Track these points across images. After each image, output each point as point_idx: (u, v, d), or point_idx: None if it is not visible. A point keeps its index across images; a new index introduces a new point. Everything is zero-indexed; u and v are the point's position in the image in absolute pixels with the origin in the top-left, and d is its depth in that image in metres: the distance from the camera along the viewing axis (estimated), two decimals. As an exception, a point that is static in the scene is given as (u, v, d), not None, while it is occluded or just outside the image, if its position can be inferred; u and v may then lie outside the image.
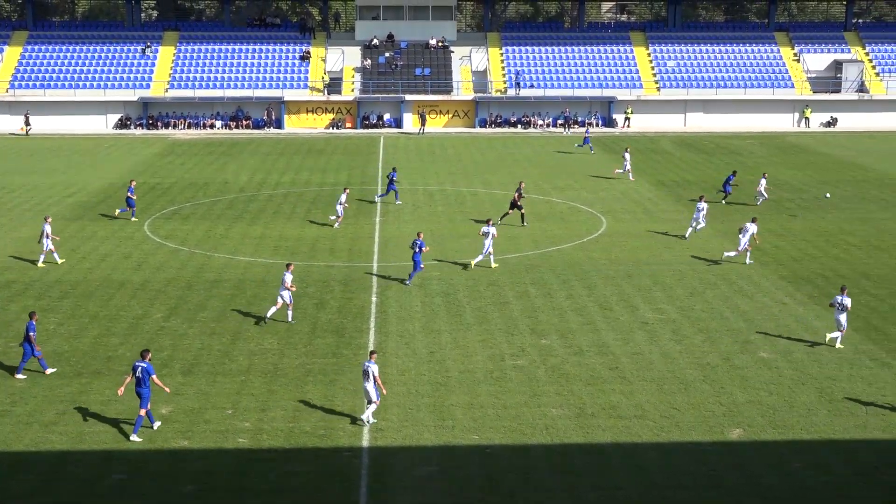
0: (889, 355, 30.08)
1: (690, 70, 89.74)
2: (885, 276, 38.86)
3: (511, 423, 25.14)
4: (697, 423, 25.21)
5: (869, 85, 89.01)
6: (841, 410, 25.98)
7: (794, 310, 34.58)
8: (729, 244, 43.32)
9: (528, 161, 67.88)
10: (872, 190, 56.92)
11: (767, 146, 75.57)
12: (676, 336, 31.75)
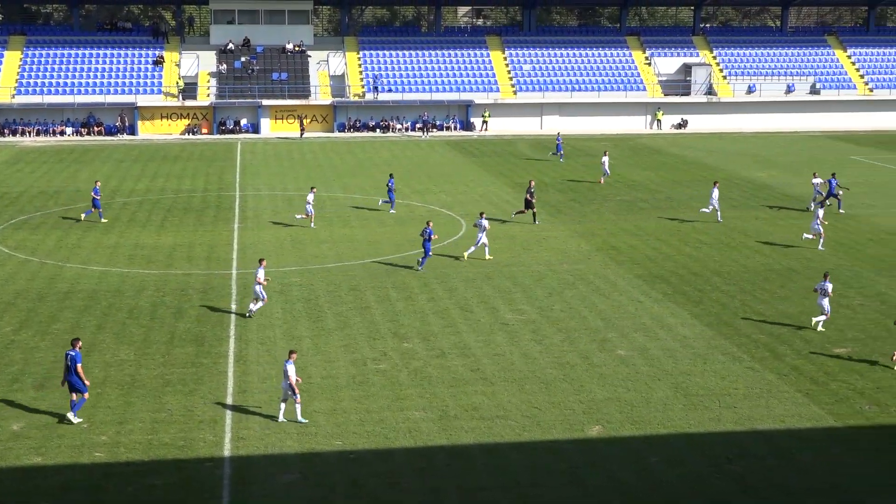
0: (740, 350, 31.06)
1: (546, 74, 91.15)
2: (735, 273, 40.12)
3: (374, 427, 25.13)
4: (558, 421, 25.62)
5: (717, 87, 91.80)
6: (695, 405, 26.72)
7: (649, 308, 35.42)
8: (585, 244, 44.18)
9: (387, 165, 67.97)
10: (721, 190, 58.67)
11: (621, 148, 77.23)
12: (536, 336, 32.21)
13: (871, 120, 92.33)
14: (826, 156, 73.38)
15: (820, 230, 44.42)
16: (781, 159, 71.44)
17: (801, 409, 26.53)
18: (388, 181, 52.63)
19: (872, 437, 24.85)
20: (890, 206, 53.91)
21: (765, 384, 28.21)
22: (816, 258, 42.52)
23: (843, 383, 28.30)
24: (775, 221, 50.09)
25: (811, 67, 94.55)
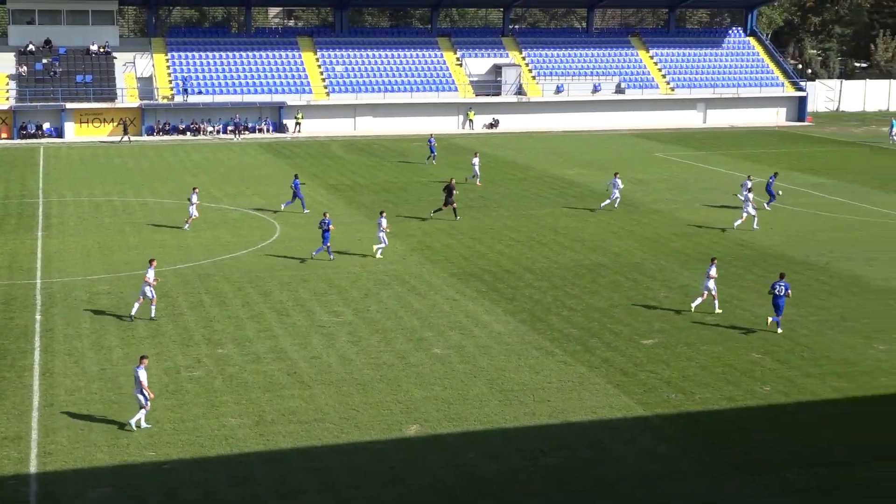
0: (552, 344, 31.76)
1: (359, 75, 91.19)
2: (546, 270, 41.01)
3: (189, 436, 24.64)
4: (376, 422, 25.66)
5: (526, 88, 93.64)
6: (511, 400, 27.18)
7: (464, 306, 35.86)
8: (400, 245, 44.41)
9: (198, 168, 66.76)
10: (532, 188, 59.90)
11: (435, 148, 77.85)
12: (353, 338, 32.19)
13: (673, 118, 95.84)
14: (631, 153, 75.78)
15: (752, 212, 48.28)
16: (589, 157, 73.39)
17: (612, 399, 27.31)
18: (293, 182, 52.58)
19: (679, 425, 25.78)
20: (692, 201, 56.04)
21: (577, 377, 28.93)
22: (624, 253, 43.85)
23: (650, 373, 29.28)
24: (585, 218, 51.41)
25: (616, 68, 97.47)
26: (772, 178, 55.20)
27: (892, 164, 70.88)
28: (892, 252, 44.01)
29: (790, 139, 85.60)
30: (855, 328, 33.57)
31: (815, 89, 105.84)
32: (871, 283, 39.14)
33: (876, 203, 55.51)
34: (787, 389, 28.15)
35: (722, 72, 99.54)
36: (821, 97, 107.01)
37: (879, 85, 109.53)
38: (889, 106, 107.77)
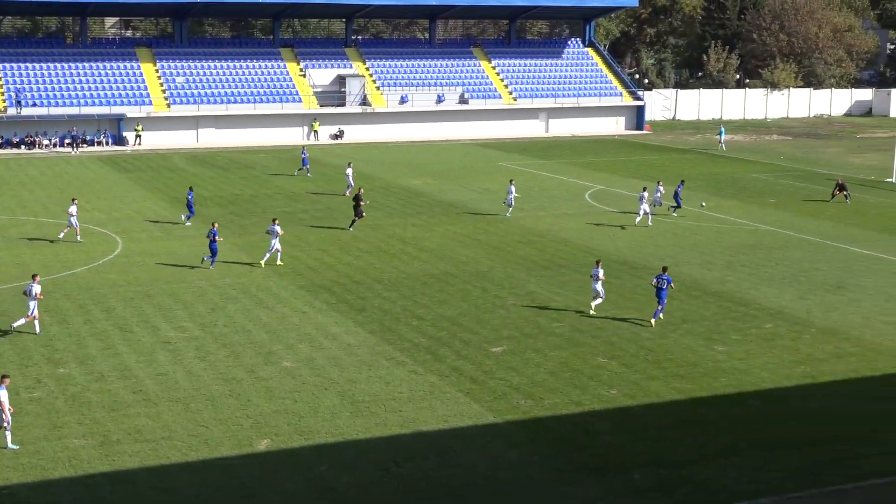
0: (403, 354, 31.82)
1: (200, 86, 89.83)
2: (395, 279, 41.10)
3: (30, 459, 23.81)
4: (226, 438, 25.27)
5: (371, 98, 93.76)
6: (362, 411, 27.12)
7: (313, 318, 35.64)
8: (247, 258, 43.92)
9: (34, 183, 64.71)
10: (379, 198, 59.95)
11: (279, 159, 77.33)
12: (200, 353, 31.64)
13: (516, 128, 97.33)
14: (476, 163, 76.61)
15: (646, 210, 51.99)
16: (434, 167, 73.88)
17: (463, 408, 27.52)
18: (188, 194, 52.36)
19: (529, 430, 26.13)
20: (536, 209, 56.96)
21: (428, 386, 29.05)
22: (471, 262, 44.27)
23: (500, 380, 29.60)
24: (432, 228, 51.73)
25: (459, 78, 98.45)
26: (679, 186, 56.82)
27: (724, 170, 73.39)
28: (727, 255, 45.55)
29: (629, 147, 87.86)
30: (696, 330, 34.61)
31: (652, 99, 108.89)
32: (710, 286, 40.43)
33: (711, 208, 57.39)
34: (632, 392, 28.82)
35: (562, 82, 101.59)
36: (658, 106, 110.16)
37: (712, 94, 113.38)
38: (722, 114, 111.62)
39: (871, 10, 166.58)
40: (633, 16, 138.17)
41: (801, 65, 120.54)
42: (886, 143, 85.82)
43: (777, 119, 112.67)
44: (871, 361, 31.63)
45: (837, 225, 52.90)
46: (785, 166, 75.72)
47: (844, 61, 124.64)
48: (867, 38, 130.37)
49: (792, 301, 38.34)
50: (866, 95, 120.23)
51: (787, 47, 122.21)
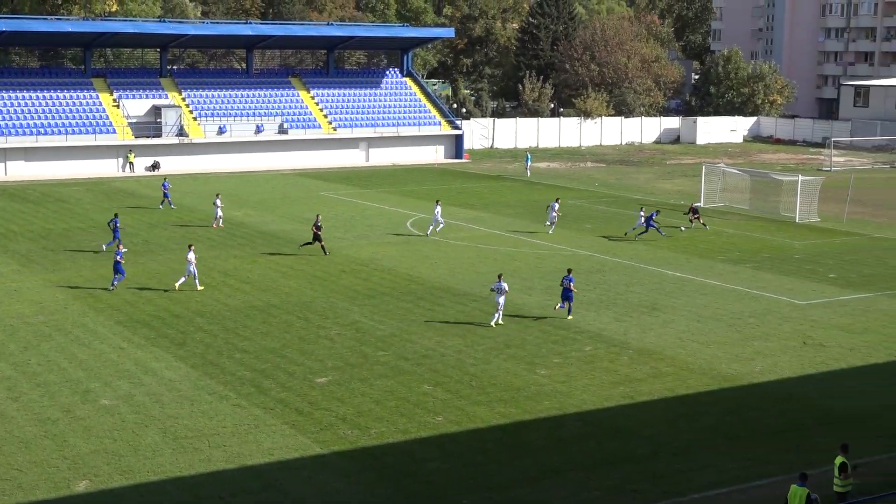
0: (226, 388, 31.33)
1: (8, 117, 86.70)
2: (217, 312, 40.46)
3: None
4: (41, 480, 24.35)
5: (188, 129, 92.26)
6: (185, 447, 26.55)
7: (132, 354, 34.74)
8: (61, 294, 42.54)
9: None
10: (198, 230, 58.96)
11: (94, 192, 75.27)
12: (12, 393, 30.43)
13: (337, 157, 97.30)
14: (297, 193, 76.24)
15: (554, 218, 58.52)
16: (255, 198, 73.16)
17: (289, 440, 27.25)
18: (113, 220, 52.73)
19: (356, 460, 26.06)
20: (358, 238, 57.03)
21: (252, 419, 28.67)
22: (294, 292, 43.95)
23: (326, 411, 29.45)
24: (253, 259, 51.17)
25: (278, 108, 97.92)
26: (654, 213, 57.86)
27: (542, 196, 74.87)
28: (546, 280, 46.52)
29: (450, 175, 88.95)
30: (518, 355, 35.20)
31: (470, 128, 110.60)
32: (531, 311, 41.20)
33: (531, 234, 58.55)
34: (458, 418, 29.09)
35: (382, 111, 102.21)
36: (476, 135, 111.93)
37: (528, 123, 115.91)
38: (538, 142, 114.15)
39: (676, 42, 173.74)
40: (450, 46, 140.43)
41: (613, 94, 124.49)
42: (694, 169, 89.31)
43: (591, 146, 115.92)
44: (685, 380, 32.79)
45: (650, 248, 54.70)
46: (600, 192, 77.95)
47: (653, 91, 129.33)
48: (673, 69, 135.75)
49: (610, 323, 39.42)
50: (674, 123, 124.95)
51: (599, 77, 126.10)
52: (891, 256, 53.38)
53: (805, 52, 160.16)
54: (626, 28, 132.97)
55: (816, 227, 61.21)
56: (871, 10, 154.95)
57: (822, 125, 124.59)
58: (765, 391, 32.05)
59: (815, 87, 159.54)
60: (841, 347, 36.61)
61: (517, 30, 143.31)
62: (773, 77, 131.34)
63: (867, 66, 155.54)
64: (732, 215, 66.54)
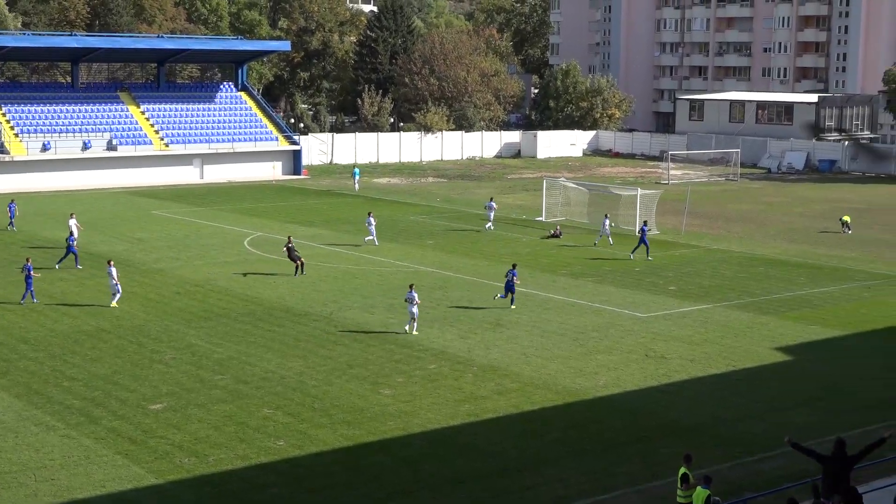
0: (53, 418, 30.28)
1: None
2: (43, 339, 39.15)
3: None
4: None
5: (9, 146, 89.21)
6: (9, 482, 25.57)
7: (-50, 385, 33.30)
8: None
9: None
10: (21, 251, 57.02)
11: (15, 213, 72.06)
12: None
13: (170, 175, 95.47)
14: (128, 212, 74.50)
15: None
16: (82, 218, 71.08)
17: (122, 471, 26.51)
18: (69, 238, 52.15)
19: (194, 489, 25.52)
20: (194, 258, 56.02)
21: (82, 451, 27.79)
22: (126, 316, 42.88)
23: (161, 439, 28.76)
24: (82, 282, 49.73)
25: (106, 123, 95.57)
26: (644, 227, 57.97)
27: (384, 212, 74.80)
28: (388, 298, 46.53)
29: (288, 192, 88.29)
30: (362, 375, 35.08)
31: (308, 143, 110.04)
32: (373, 329, 41.14)
33: (372, 251, 58.52)
34: (300, 442, 28.79)
35: (216, 127, 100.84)
36: (315, 150, 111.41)
37: (368, 138, 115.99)
38: (378, 158, 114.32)
39: (515, 56, 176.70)
40: (286, 59, 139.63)
41: (453, 108, 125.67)
42: (535, 184, 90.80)
43: (432, 161, 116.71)
44: (531, 396, 33.20)
45: (493, 264, 55.30)
46: (441, 208, 78.50)
47: (493, 105, 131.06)
48: (513, 83, 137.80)
49: (454, 340, 39.66)
50: (515, 138, 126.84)
51: (439, 91, 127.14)
52: (727, 268, 55.24)
53: (641, 67, 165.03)
54: (465, 42, 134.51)
55: (656, 240, 62.88)
56: (703, 25, 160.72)
57: (660, 139, 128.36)
58: (609, 404, 32.71)
59: (651, 101, 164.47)
60: (682, 359, 37.66)
61: (355, 43, 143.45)
62: (610, 91, 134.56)
63: (701, 80, 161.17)
64: (573, 229, 67.84)
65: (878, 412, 32.34)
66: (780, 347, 39.62)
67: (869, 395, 34.27)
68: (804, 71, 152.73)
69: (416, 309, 40.22)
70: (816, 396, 34.10)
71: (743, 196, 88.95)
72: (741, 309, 45.78)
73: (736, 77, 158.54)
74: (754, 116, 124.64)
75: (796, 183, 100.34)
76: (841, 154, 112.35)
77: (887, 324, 43.59)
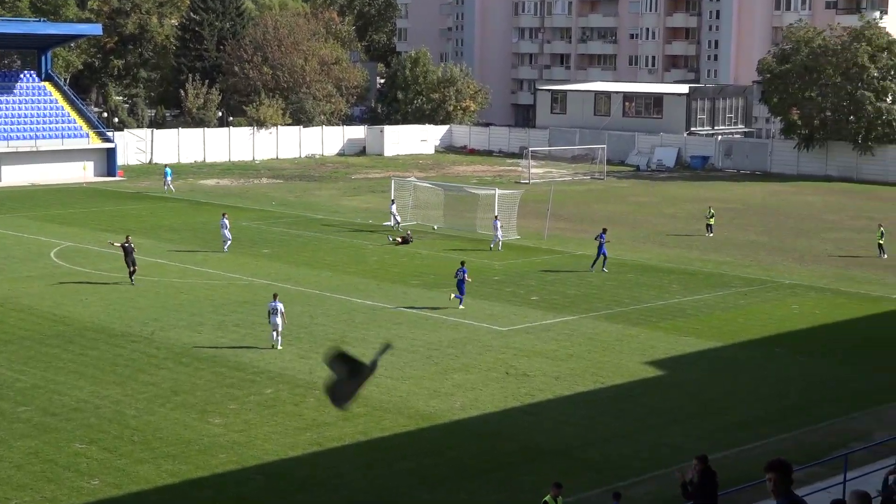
0: None
1: None
2: None
3: None
4: None
5: None
6: None
7: None
8: None
9: None
10: None
11: None
12: None
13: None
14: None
15: None
16: None
17: None
18: None
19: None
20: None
21: None
22: (-89, 340, 41.49)
23: (-45, 482, 27.93)
24: None
25: None
26: (601, 235, 56.97)
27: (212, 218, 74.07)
28: (219, 315, 46.08)
29: (101, 196, 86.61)
30: (189, 402, 34.65)
31: (124, 140, 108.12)
32: (201, 351, 40.68)
33: (200, 263, 57.83)
34: (118, 481, 28.30)
35: (16, 122, 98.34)
36: (132, 149, 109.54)
37: (193, 134, 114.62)
38: (205, 156, 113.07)
39: (359, 42, 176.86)
40: (98, 45, 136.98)
41: (289, 100, 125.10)
42: (382, 184, 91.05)
43: (266, 160, 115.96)
44: (380, 421, 33.28)
45: (337, 274, 55.27)
46: (278, 212, 78.10)
47: (334, 97, 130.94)
48: (356, 72, 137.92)
49: (293, 361, 39.49)
50: (359, 133, 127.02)
51: (273, 81, 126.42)
52: (593, 275, 56.31)
53: (498, 55, 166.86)
54: (302, 26, 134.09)
55: (516, 246, 63.74)
56: (564, 9, 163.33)
57: (519, 134, 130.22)
58: (467, 428, 33.01)
59: (510, 92, 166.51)
60: (546, 376, 38.24)
61: (177, 27, 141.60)
62: (464, 81, 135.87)
63: (564, 69, 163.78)
64: (425, 234, 68.26)
65: (753, 430, 33.45)
66: (652, 361, 40.61)
67: (744, 412, 35.40)
68: (674, 59, 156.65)
69: (279, 320, 40.44)
70: (690, 414, 35.05)
71: (610, 196, 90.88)
72: (609, 320, 46.75)
73: (601, 66, 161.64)
74: (621, 109, 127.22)
75: (667, 181, 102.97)
76: (714, 150, 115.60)
77: (764, 333, 45.09)
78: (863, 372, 40.39)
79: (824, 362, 41.46)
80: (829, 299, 51.97)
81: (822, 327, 46.78)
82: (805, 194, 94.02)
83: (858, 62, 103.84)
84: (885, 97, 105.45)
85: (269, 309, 41.11)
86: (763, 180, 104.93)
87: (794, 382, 38.54)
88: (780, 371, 39.84)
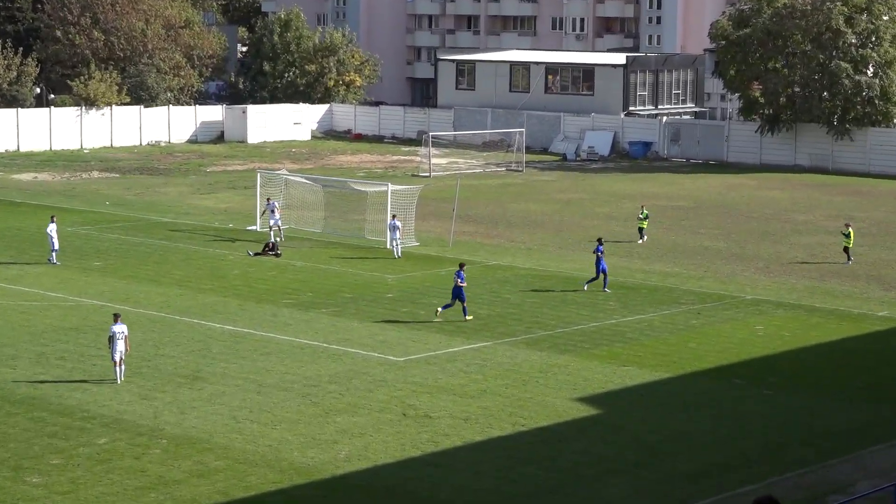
0: None
1: None
2: None
3: None
4: None
5: None
6: None
7: None
8: None
9: None
10: None
11: None
12: None
13: None
14: None
15: None
16: None
17: None
18: None
19: None
20: None
21: None
22: None
23: None
24: None
25: None
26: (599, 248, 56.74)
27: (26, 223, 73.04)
28: (39, 345, 45.40)
29: None
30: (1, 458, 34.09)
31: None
32: (16, 391, 40.04)
33: (12, 281, 57.00)
34: None
35: None
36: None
37: (4, 115, 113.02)
38: (19, 144, 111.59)
39: (215, 1, 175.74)
40: None
41: (127, 73, 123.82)
42: (245, 179, 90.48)
43: (98, 149, 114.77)
44: (244, 477, 32.97)
45: (188, 292, 54.78)
46: (113, 215, 77.26)
47: (184, 69, 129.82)
48: (212, 38, 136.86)
49: (133, 402, 39.01)
50: (216, 115, 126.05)
51: (106, 50, 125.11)
52: (509, 290, 56.44)
53: (390, 17, 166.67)
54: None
55: (415, 255, 63.67)
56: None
57: (417, 115, 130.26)
58: (354, 484, 32.83)
59: (405, 63, 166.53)
60: (453, 418, 38.18)
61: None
62: (348, 50, 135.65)
63: (471, 34, 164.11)
64: (301, 241, 67.96)
65: (710, 480, 33.67)
66: (584, 398, 40.74)
67: (699, 459, 35.60)
68: (607, 23, 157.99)
69: (122, 345, 40.26)
70: (631, 462, 35.19)
71: (530, 192, 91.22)
72: (531, 346, 46.85)
73: (517, 31, 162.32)
74: (543, 84, 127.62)
75: (600, 173, 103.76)
76: (658, 134, 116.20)
77: (722, 360, 45.45)
78: (841, 408, 40.87)
79: (795, 396, 41.89)
80: (800, 318, 52.62)
81: (792, 352, 47.31)
82: (770, 188, 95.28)
83: (832, 26, 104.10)
84: (864, 69, 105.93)
85: (110, 334, 40.59)
86: (718, 171, 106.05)
87: (758, 421, 38.89)
88: (740, 407, 40.19)
